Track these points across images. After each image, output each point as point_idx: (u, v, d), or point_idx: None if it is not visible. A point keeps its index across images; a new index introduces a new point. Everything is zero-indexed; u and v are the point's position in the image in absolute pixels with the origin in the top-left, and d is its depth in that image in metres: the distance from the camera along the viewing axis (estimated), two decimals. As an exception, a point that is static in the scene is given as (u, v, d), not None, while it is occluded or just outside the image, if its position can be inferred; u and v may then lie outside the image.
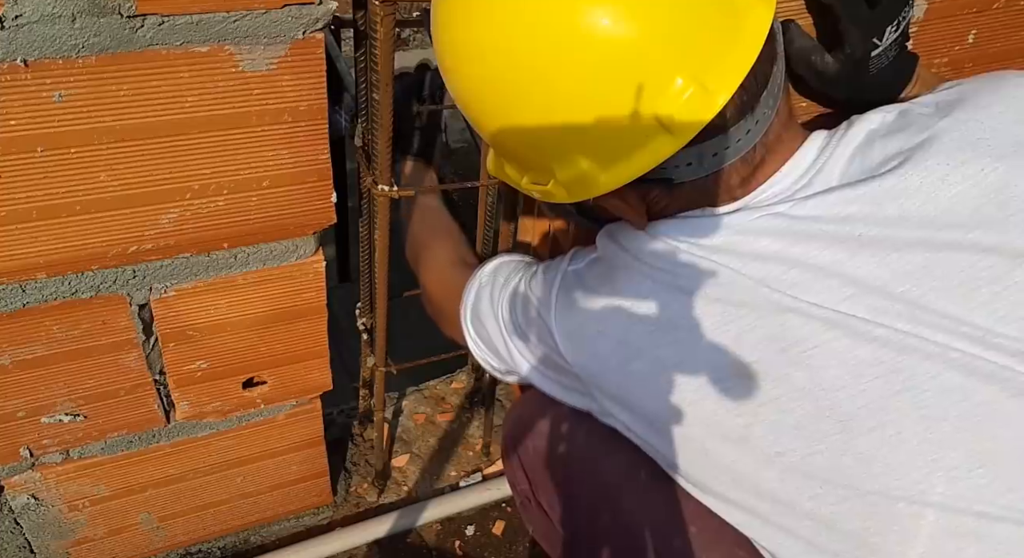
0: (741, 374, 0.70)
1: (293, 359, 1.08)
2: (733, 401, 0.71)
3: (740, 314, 0.70)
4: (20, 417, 0.95)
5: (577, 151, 0.70)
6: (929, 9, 1.21)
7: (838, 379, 0.67)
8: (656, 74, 0.64)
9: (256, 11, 0.73)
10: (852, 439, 0.67)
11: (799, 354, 0.68)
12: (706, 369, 0.72)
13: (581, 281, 0.80)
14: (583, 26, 0.63)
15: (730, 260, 0.71)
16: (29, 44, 0.67)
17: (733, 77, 0.64)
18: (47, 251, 0.81)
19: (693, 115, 0.65)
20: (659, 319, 0.73)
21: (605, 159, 0.69)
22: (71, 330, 0.90)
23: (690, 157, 0.69)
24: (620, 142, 0.68)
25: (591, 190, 0.72)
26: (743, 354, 0.70)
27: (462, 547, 1.37)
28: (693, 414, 0.73)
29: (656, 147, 0.67)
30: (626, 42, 0.63)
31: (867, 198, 0.68)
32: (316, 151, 0.87)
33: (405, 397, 1.60)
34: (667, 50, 0.64)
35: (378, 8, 0.81)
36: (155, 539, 1.23)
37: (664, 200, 0.75)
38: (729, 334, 0.70)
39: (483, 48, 0.68)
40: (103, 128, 0.75)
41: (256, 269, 0.95)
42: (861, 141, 0.73)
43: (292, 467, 1.25)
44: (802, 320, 0.68)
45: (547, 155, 0.72)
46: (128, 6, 0.68)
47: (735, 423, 0.71)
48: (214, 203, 0.86)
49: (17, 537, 1.10)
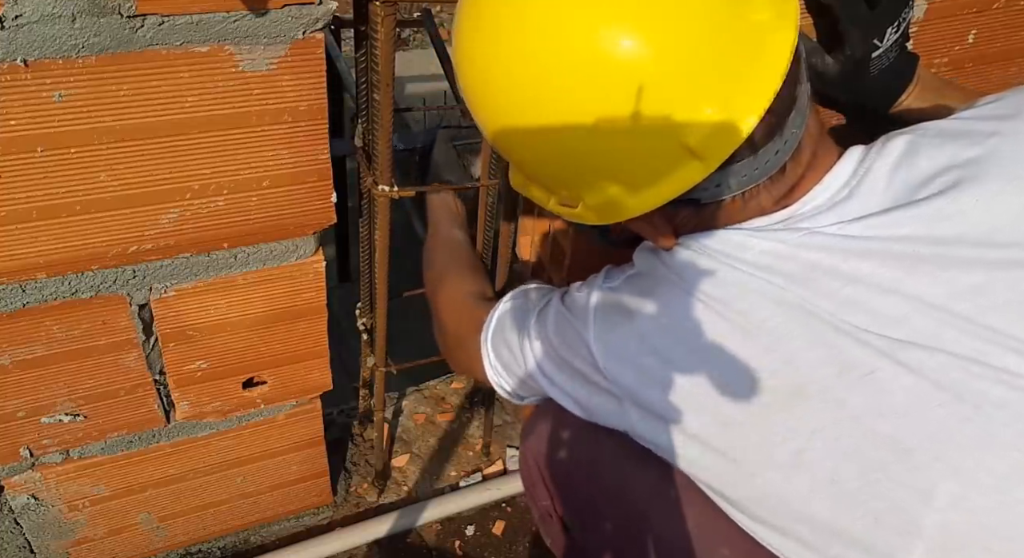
0: (794, 398, 0.68)
1: (293, 359, 1.07)
2: (785, 426, 0.68)
3: (791, 335, 0.68)
4: (20, 417, 0.95)
5: (606, 177, 0.70)
6: (929, 9, 1.21)
7: (898, 406, 0.64)
8: (683, 101, 0.64)
9: (256, 11, 0.73)
10: (912, 470, 0.64)
11: (857, 379, 0.65)
12: (756, 392, 0.69)
13: (620, 299, 0.78)
14: (609, 54, 0.62)
15: (778, 278, 0.69)
16: (29, 44, 0.67)
17: (760, 101, 0.64)
18: (47, 251, 0.81)
19: (721, 141, 0.65)
20: (705, 338, 0.71)
21: (634, 185, 0.69)
22: (71, 330, 0.90)
23: (718, 179, 0.68)
24: (649, 168, 0.68)
25: (620, 214, 0.71)
26: (796, 377, 0.67)
27: (462, 547, 1.37)
28: (742, 437, 0.70)
29: (685, 173, 0.67)
30: (652, 69, 0.62)
31: (922, 217, 0.67)
32: (316, 151, 0.87)
33: (405, 397, 1.60)
34: (694, 77, 0.63)
35: (378, 8, 0.81)
36: (155, 539, 1.23)
37: (693, 220, 0.74)
38: (780, 356, 0.68)
39: (507, 77, 0.67)
40: (103, 128, 0.75)
41: (256, 269, 0.95)
42: (902, 152, 0.71)
43: (292, 467, 1.25)
44: (858, 343, 0.65)
45: (575, 181, 0.72)
46: (128, 6, 0.68)
47: (786, 448, 0.68)
48: (214, 203, 0.86)
49: (17, 537, 1.10)
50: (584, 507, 0.90)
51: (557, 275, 1.35)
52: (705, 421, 0.72)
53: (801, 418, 0.67)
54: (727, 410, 0.70)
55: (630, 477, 0.84)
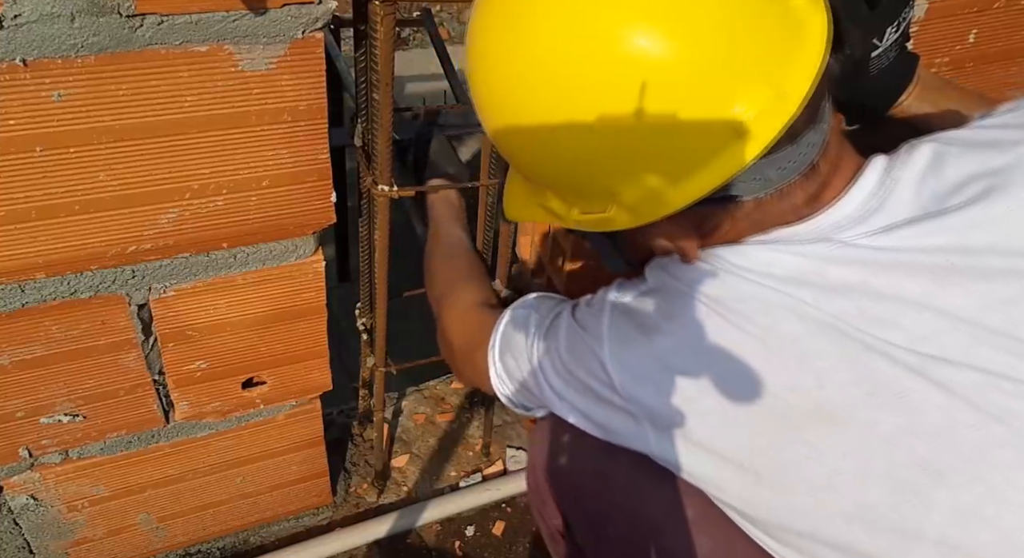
0: (824, 419, 0.65)
1: (293, 359, 1.07)
2: (816, 447, 0.66)
3: (819, 352, 0.65)
4: (19, 417, 0.95)
5: (645, 167, 0.66)
6: (929, 9, 1.21)
7: (931, 427, 0.63)
8: (730, 78, 0.62)
9: (255, 11, 0.73)
10: (947, 493, 0.62)
11: (889, 399, 0.64)
12: (783, 412, 0.67)
13: (633, 314, 0.75)
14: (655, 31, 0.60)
15: (805, 293, 0.67)
16: (28, 44, 0.67)
17: (805, 80, 0.62)
18: (46, 251, 0.81)
19: (770, 118, 0.62)
20: (728, 358, 0.68)
21: (677, 173, 0.65)
22: (70, 330, 0.90)
23: (758, 171, 0.65)
24: (694, 152, 0.64)
25: (660, 209, 0.67)
26: (824, 396, 0.65)
27: (462, 547, 1.37)
28: (769, 458, 0.68)
29: (732, 155, 0.64)
30: (700, 44, 0.61)
31: (953, 227, 0.65)
32: (316, 151, 0.87)
33: (405, 397, 1.60)
34: (743, 52, 0.62)
35: (378, 8, 0.81)
36: (154, 539, 1.23)
37: (724, 224, 0.71)
38: (808, 374, 0.66)
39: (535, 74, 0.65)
40: (102, 128, 0.75)
41: (256, 269, 0.95)
42: (928, 161, 0.70)
43: (292, 467, 1.25)
44: (890, 361, 0.64)
45: (609, 176, 0.68)
46: (127, 5, 0.68)
47: (816, 470, 0.66)
48: (213, 203, 0.85)
49: (16, 537, 1.10)
50: (596, 526, 0.87)
51: (557, 275, 1.35)
52: (729, 442, 0.70)
53: (831, 439, 0.65)
54: (753, 431, 0.68)
55: (645, 495, 0.81)
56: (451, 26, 4.51)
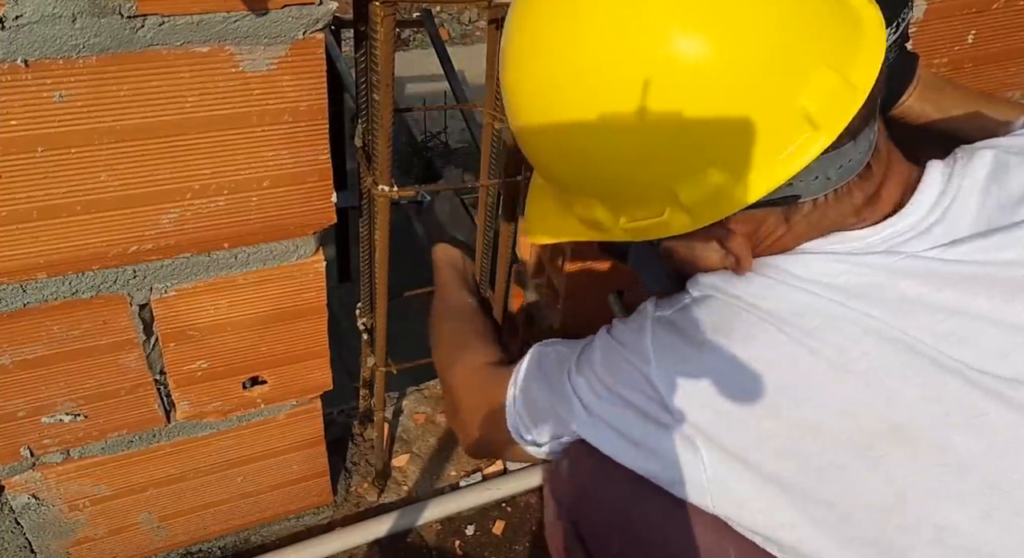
0: (896, 439, 0.63)
1: (293, 359, 1.08)
2: (885, 469, 0.63)
3: (890, 371, 0.63)
4: (21, 417, 0.95)
5: (709, 163, 0.63)
6: (929, 9, 1.21)
7: (1004, 448, 0.61)
8: (799, 65, 0.59)
9: (256, 11, 0.73)
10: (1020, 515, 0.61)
11: (965, 421, 0.61)
12: (853, 432, 0.63)
13: (679, 329, 0.71)
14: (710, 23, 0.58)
15: (872, 307, 0.64)
16: (30, 44, 0.67)
17: (871, 68, 0.61)
18: (48, 251, 0.81)
19: (839, 108, 0.60)
20: (791, 375, 0.65)
21: (742, 168, 0.62)
22: (71, 330, 0.90)
23: (820, 168, 0.63)
24: (761, 145, 0.61)
25: (723, 209, 0.64)
26: (897, 416, 0.63)
27: (462, 547, 1.37)
28: (837, 480, 0.65)
29: (800, 148, 0.61)
30: (761, 34, 0.59)
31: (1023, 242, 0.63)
32: (316, 151, 0.87)
33: (405, 397, 1.60)
34: (808, 40, 0.60)
35: (378, 8, 0.82)
36: (156, 539, 1.23)
37: (779, 229, 0.68)
38: (879, 394, 0.63)
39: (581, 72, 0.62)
40: (103, 128, 0.75)
41: (256, 269, 0.95)
42: (990, 170, 0.68)
43: (292, 467, 1.25)
44: (965, 382, 0.62)
45: (670, 174, 0.64)
46: (128, 6, 0.68)
47: (886, 492, 0.63)
48: (214, 203, 0.86)
49: (18, 537, 1.10)
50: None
51: (557, 275, 1.35)
52: (790, 462, 0.66)
53: (903, 461, 0.63)
54: (815, 452, 0.65)
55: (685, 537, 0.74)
56: (451, 27, 4.51)
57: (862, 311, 0.64)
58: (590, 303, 1.36)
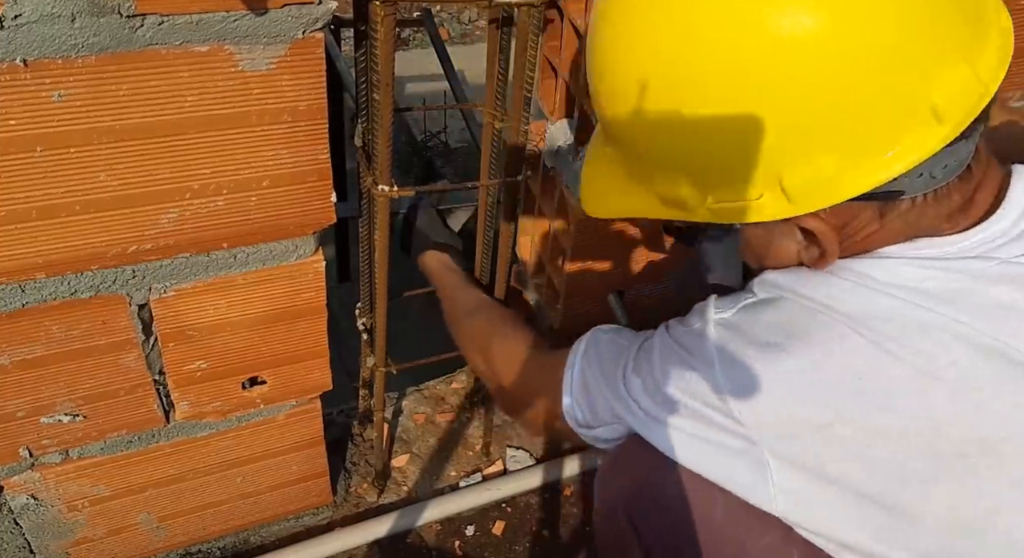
0: (987, 451, 0.60)
1: (293, 359, 1.07)
2: (975, 482, 0.60)
3: (981, 380, 0.60)
4: (19, 417, 0.95)
5: (823, 146, 0.59)
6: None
7: None
8: (935, 54, 0.57)
9: (256, 11, 0.73)
10: None
11: None
12: (937, 443, 0.61)
13: (744, 332, 0.68)
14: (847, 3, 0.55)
15: (961, 313, 0.61)
16: (28, 44, 0.67)
17: (999, 68, 0.58)
18: (47, 251, 0.81)
19: (967, 103, 0.58)
20: (873, 382, 0.62)
21: (857, 155, 0.59)
22: (71, 330, 0.90)
23: (927, 165, 0.60)
24: (880, 133, 0.58)
25: (827, 197, 0.61)
26: (988, 427, 0.60)
27: (462, 547, 1.37)
28: (920, 495, 0.62)
29: (920, 139, 0.58)
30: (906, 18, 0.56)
31: None
32: (316, 151, 0.87)
33: (405, 397, 1.60)
34: (945, 31, 0.57)
35: (378, 8, 0.81)
36: (155, 539, 1.23)
37: (871, 226, 0.65)
38: (968, 402, 0.61)
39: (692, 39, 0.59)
40: (103, 128, 0.75)
41: (256, 269, 0.95)
42: None
43: (292, 467, 1.25)
44: None
45: (780, 155, 0.61)
46: (127, 6, 0.68)
47: (977, 507, 0.61)
48: (214, 203, 0.86)
49: (16, 537, 1.10)
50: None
51: (557, 275, 1.35)
52: (866, 474, 0.63)
53: (993, 474, 0.61)
54: (897, 463, 0.62)
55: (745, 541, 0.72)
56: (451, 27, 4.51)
57: (951, 317, 0.61)
58: (590, 303, 1.36)
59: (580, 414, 0.82)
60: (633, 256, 1.33)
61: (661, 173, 0.69)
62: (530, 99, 0.97)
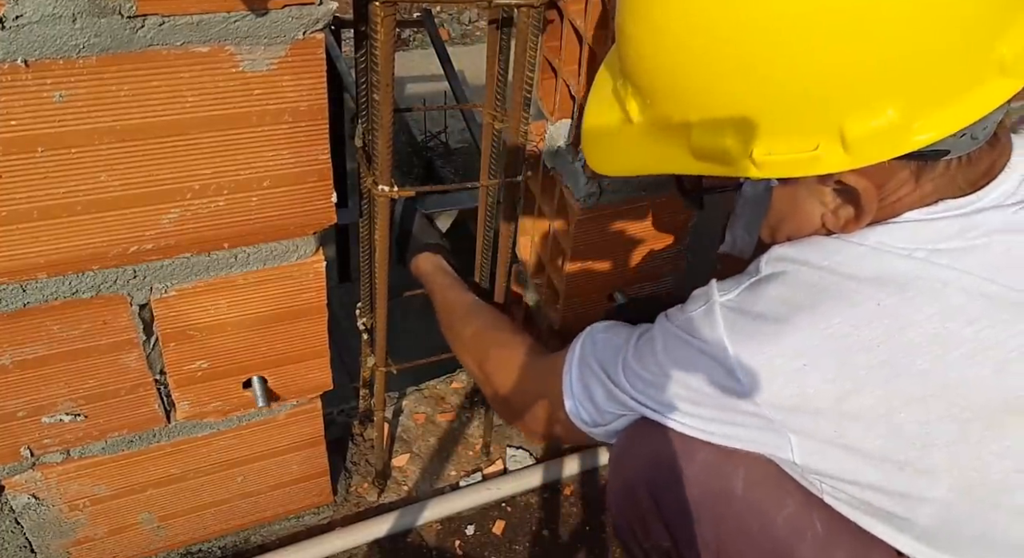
0: (1012, 409, 0.59)
1: (293, 359, 1.08)
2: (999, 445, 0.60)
3: (1003, 337, 0.60)
4: (21, 417, 0.95)
5: (889, 95, 0.57)
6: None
7: None
8: (1003, 6, 0.56)
9: (256, 11, 0.73)
10: None
11: None
12: (960, 405, 0.60)
13: (754, 311, 0.67)
14: None
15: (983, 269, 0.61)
16: (30, 44, 0.67)
17: None
18: (48, 251, 0.81)
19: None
20: (890, 348, 0.61)
21: (923, 106, 0.57)
22: (72, 330, 0.90)
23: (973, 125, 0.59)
24: (950, 82, 0.56)
25: (890, 148, 0.59)
26: (1012, 386, 0.60)
27: (462, 547, 1.37)
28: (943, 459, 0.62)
29: (987, 93, 0.57)
30: None
31: None
32: (316, 151, 0.87)
33: (405, 397, 1.60)
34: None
35: (378, 8, 0.82)
36: (155, 538, 1.23)
37: (905, 188, 0.64)
38: (988, 362, 0.60)
39: None
40: (104, 128, 0.75)
41: (256, 269, 0.95)
42: None
43: (292, 467, 1.25)
44: None
45: (843, 103, 0.59)
46: (129, 6, 0.68)
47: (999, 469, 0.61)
48: (214, 203, 0.86)
49: (18, 536, 1.10)
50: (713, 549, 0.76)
51: (557, 275, 1.35)
52: (890, 442, 0.63)
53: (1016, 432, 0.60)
54: (920, 428, 0.62)
55: (768, 512, 0.72)
56: (451, 27, 4.51)
57: (973, 274, 0.61)
58: (590, 303, 1.36)
59: (586, 414, 0.82)
60: (633, 256, 1.33)
61: (702, 122, 0.65)
62: (530, 99, 0.97)
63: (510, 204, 1.12)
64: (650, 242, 1.31)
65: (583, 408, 0.82)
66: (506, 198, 1.12)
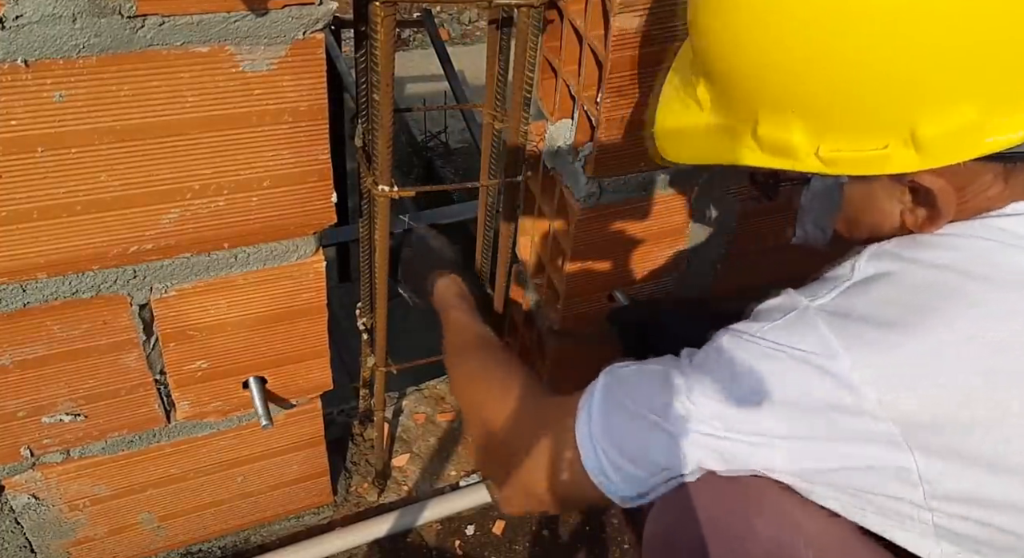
0: None
1: (293, 359, 1.08)
2: None
3: None
4: (21, 417, 0.95)
5: (966, 94, 0.55)
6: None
7: None
8: None
9: (256, 11, 0.73)
10: None
11: None
12: None
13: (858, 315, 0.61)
14: None
15: None
16: (30, 44, 0.67)
17: None
18: (48, 251, 0.81)
19: None
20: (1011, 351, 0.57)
21: (1002, 106, 0.55)
22: (72, 330, 0.90)
23: None
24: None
25: (966, 149, 0.56)
26: None
27: (462, 546, 1.37)
28: None
29: None
30: None
31: None
32: (316, 151, 0.87)
33: (405, 397, 1.60)
34: None
35: (378, 8, 0.82)
36: (155, 538, 1.23)
37: (993, 189, 0.60)
38: None
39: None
40: (104, 128, 0.75)
41: (256, 269, 0.95)
42: None
43: (292, 467, 1.25)
44: None
45: (916, 101, 0.56)
46: (128, 6, 0.68)
47: None
48: (215, 203, 0.86)
49: (18, 536, 1.10)
50: None
51: (557, 276, 1.35)
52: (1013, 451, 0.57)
53: None
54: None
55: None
56: (451, 27, 4.51)
57: None
58: (590, 303, 1.36)
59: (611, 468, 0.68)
60: (633, 256, 1.33)
61: (770, 115, 0.63)
62: (530, 99, 0.97)
63: (510, 204, 1.12)
64: (650, 242, 1.31)
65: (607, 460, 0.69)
66: (506, 198, 1.12)
